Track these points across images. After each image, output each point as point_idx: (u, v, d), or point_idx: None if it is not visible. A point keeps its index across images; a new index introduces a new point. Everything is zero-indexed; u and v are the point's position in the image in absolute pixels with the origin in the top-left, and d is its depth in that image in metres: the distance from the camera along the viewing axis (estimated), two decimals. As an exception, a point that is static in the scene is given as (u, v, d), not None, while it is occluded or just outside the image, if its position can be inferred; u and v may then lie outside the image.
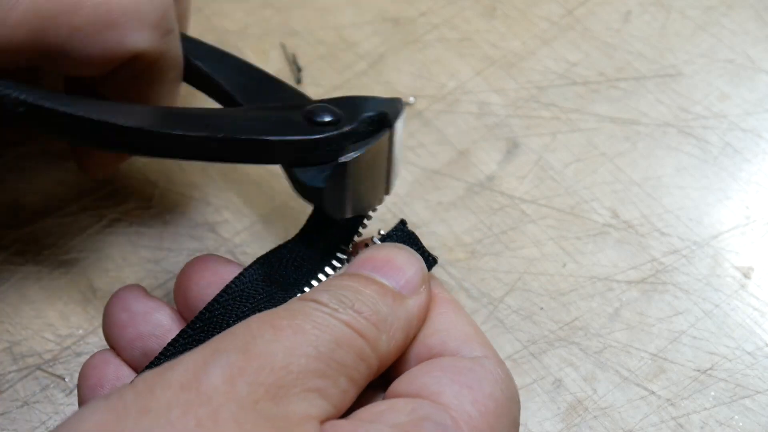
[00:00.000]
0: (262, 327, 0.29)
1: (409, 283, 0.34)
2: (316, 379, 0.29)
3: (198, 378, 0.27)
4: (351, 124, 0.37)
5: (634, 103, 0.52)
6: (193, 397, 0.27)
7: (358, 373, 0.30)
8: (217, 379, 0.27)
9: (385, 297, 0.32)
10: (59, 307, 0.45)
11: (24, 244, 0.46)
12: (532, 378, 0.43)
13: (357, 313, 0.31)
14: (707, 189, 0.49)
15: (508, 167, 0.50)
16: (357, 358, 0.30)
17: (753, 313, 0.45)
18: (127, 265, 0.46)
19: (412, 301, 0.33)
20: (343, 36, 0.54)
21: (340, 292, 0.32)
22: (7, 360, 0.43)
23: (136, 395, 0.27)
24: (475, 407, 0.30)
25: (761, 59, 0.53)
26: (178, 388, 0.27)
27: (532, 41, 0.54)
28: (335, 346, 0.30)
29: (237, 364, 0.28)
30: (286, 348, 0.29)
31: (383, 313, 0.32)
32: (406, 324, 0.33)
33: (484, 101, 0.52)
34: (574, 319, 0.45)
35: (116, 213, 0.48)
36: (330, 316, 0.30)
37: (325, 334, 0.30)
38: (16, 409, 0.42)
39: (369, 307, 0.31)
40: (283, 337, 0.29)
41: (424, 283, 0.34)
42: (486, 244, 0.47)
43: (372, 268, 0.34)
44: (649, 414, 0.42)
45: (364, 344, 0.31)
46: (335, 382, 0.29)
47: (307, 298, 0.32)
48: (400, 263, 0.34)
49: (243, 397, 0.27)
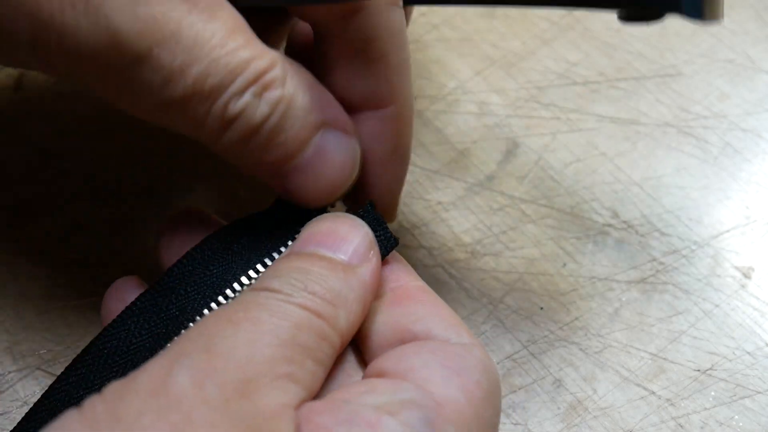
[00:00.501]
0: (220, 324, 0.29)
1: (356, 252, 0.33)
2: (283, 365, 0.29)
3: (165, 383, 0.27)
4: None
5: (634, 103, 0.52)
6: (163, 402, 0.26)
7: (323, 353, 0.30)
8: (185, 382, 0.27)
9: (336, 271, 0.32)
10: (59, 307, 0.45)
11: (24, 244, 0.46)
12: (532, 378, 0.43)
13: (311, 294, 0.31)
14: (707, 189, 0.49)
15: (508, 167, 0.50)
16: (318, 338, 0.30)
17: (753, 313, 0.45)
18: (127, 266, 0.46)
19: (363, 269, 0.33)
20: (343, 36, 0.54)
21: (290, 276, 0.31)
22: (7, 360, 0.43)
23: (105, 405, 0.27)
24: (463, 394, 0.30)
25: (761, 59, 0.53)
26: (146, 395, 0.27)
27: (532, 41, 0.54)
28: (296, 331, 0.29)
29: (201, 365, 0.28)
30: (247, 341, 0.29)
31: (337, 289, 0.32)
32: (362, 294, 0.33)
33: (484, 101, 0.52)
34: (574, 319, 0.45)
35: (116, 213, 0.48)
36: (285, 302, 0.30)
37: (284, 321, 0.29)
38: (16, 409, 0.42)
39: (321, 285, 0.31)
40: (241, 330, 0.29)
41: (371, 248, 0.34)
42: (486, 244, 0.47)
43: (316, 243, 0.34)
44: (649, 414, 0.42)
45: (323, 324, 0.30)
46: (302, 365, 0.29)
47: (259, 287, 0.31)
48: (344, 233, 0.34)
49: (213, 398, 0.27)
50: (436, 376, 0.30)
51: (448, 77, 0.53)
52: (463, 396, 0.30)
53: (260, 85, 0.32)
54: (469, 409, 0.30)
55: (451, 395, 0.30)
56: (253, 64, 0.32)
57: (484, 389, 0.31)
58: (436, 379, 0.30)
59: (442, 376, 0.30)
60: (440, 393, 0.30)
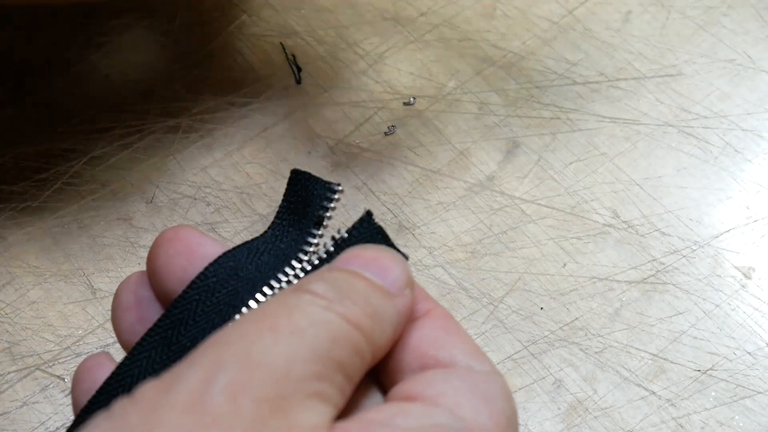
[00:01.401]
0: (261, 329, 0.29)
1: (395, 282, 0.34)
2: (314, 382, 0.29)
3: (202, 398, 0.27)
4: None
5: (634, 103, 0.52)
6: (199, 419, 0.26)
7: (354, 369, 0.30)
8: (221, 399, 0.27)
9: (376, 291, 0.32)
10: (59, 307, 0.45)
11: (24, 244, 0.46)
12: (532, 378, 0.43)
13: (353, 304, 0.31)
14: (707, 189, 0.49)
15: (508, 167, 0.50)
16: (352, 353, 0.30)
17: (754, 313, 0.45)
18: (126, 266, 0.46)
19: (399, 300, 0.33)
20: (343, 36, 0.54)
21: (334, 283, 0.32)
22: (7, 360, 0.43)
23: (140, 415, 0.27)
24: (491, 421, 0.31)
25: (761, 59, 0.53)
26: (183, 410, 0.27)
27: (532, 41, 0.54)
28: (332, 345, 0.29)
29: (239, 379, 0.27)
30: (285, 353, 0.29)
31: (376, 305, 0.32)
32: (396, 320, 0.33)
33: (484, 101, 0.52)
34: (574, 319, 0.45)
35: (116, 213, 0.47)
36: (326, 309, 0.30)
37: (322, 332, 0.29)
38: (15, 409, 0.42)
39: (363, 298, 0.31)
40: (281, 340, 0.29)
41: (408, 285, 0.34)
42: (486, 244, 0.47)
43: (359, 265, 0.34)
44: (649, 414, 0.42)
45: (360, 337, 0.30)
46: (332, 381, 0.29)
47: (302, 288, 0.31)
48: (387, 263, 0.34)
49: (248, 416, 0.27)
50: (466, 403, 0.31)
51: (448, 77, 0.53)
52: (492, 423, 0.31)
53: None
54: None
55: (481, 422, 0.30)
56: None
57: (508, 417, 0.31)
58: (466, 405, 0.31)
59: (472, 402, 0.31)
60: (471, 419, 0.30)
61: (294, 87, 0.52)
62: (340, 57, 0.54)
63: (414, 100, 0.52)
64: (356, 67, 0.53)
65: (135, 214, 0.47)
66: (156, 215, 0.47)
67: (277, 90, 0.52)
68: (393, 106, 0.52)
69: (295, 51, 0.54)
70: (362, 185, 0.49)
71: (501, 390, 0.32)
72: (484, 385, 0.32)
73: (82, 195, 0.48)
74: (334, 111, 0.51)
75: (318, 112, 0.51)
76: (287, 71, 0.53)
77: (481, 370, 0.33)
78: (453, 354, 0.33)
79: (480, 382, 0.32)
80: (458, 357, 0.33)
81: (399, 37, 0.54)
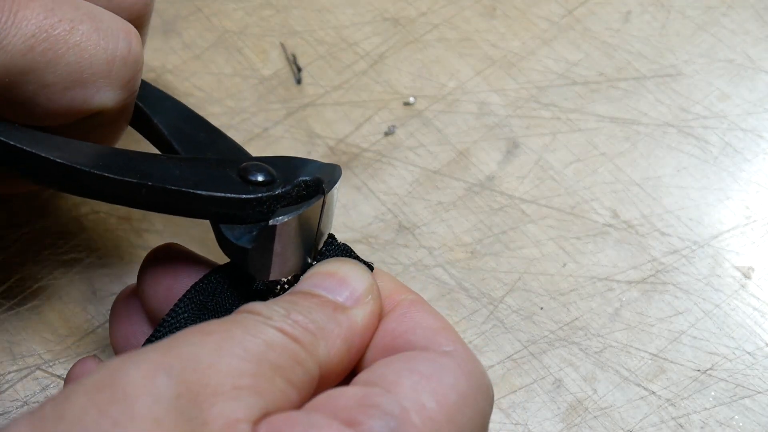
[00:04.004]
0: (190, 333, 0.29)
1: (353, 293, 0.34)
2: (247, 377, 0.28)
3: (114, 377, 0.26)
4: (284, 187, 0.36)
5: (634, 103, 0.52)
6: (108, 395, 0.25)
7: (295, 376, 0.30)
8: (135, 375, 0.26)
9: (324, 307, 0.32)
10: (59, 307, 0.45)
11: (24, 244, 0.46)
12: (532, 378, 0.43)
13: (292, 321, 0.30)
14: (707, 189, 0.49)
15: (508, 167, 0.50)
16: (292, 361, 0.29)
17: (753, 313, 0.45)
18: (126, 266, 0.46)
19: (356, 311, 0.33)
20: (343, 36, 0.54)
21: (275, 303, 0.31)
22: (7, 360, 0.43)
23: (54, 405, 0.26)
24: (432, 398, 0.30)
25: (761, 59, 0.53)
26: (93, 391, 0.26)
27: (532, 41, 0.54)
28: (267, 348, 0.29)
29: (157, 359, 0.27)
30: (212, 350, 0.28)
31: (320, 322, 0.31)
32: (348, 333, 0.32)
33: (484, 101, 0.52)
34: (574, 319, 0.45)
35: (116, 213, 0.48)
36: (262, 323, 0.30)
37: (256, 338, 0.29)
38: (16, 409, 0.42)
39: (304, 315, 0.31)
40: (210, 341, 0.28)
41: (370, 293, 0.34)
42: (486, 244, 0.47)
43: (313, 284, 0.34)
44: (649, 414, 0.42)
45: (298, 348, 0.30)
46: (270, 380, 0.28)
47: (242, 310, 0.31)
48: (343, 275, 0.34)
49: (162, 392, 0.26)
50: (406, 382, 0.30)
51: (448, 77, 0.53)
52: (434, 400, 0.30)
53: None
54: (440, 413, 0.30)
55: (419, 400, 0.30)
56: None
57: (459, 392, 0.30)
58: (406, 384, 0.30)
59: (410, 382, 0.30)
60: (408, 398, 0.30)
61: (294, 87, 0.52)
62: (340, 57, 0.54)
63: (414, 100, 0.52)
64: (356, 67, 0.53)
65: (135, 214, 0.47)
66: (156, 215, 0.47)
67: (277, 90, 0.52)
68: (393, 106, 0.52)
69: (295, 51, 0.54)
70: (362, 185, 0.49)
71: (454, 366, 0.31)
72: (431, 362, 0.31)
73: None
74: (334, 111, 0.51)
75: (318, 112, 0.51)
76: (287, 71, 0.53)
77: (435, 349, 0.32)
78: (409, 339, 0.33)
79: (426, 360, 0.31)
80: (415, 341, 0.33)
81: (399, 37, 0.54)
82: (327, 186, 0.37)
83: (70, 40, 0.34)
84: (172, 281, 0.37)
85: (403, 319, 0.34)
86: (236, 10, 0.55)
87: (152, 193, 0.34)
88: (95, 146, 0.37)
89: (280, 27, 0.55)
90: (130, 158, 0.36)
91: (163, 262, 0.38)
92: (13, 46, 0.33)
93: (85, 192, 0.35)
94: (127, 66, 0.36)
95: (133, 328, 0.38)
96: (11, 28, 0.33)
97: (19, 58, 0.33)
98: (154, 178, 0.34)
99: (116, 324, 0.39)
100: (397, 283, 0.36)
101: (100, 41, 0.35)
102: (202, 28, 0.54)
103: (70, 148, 0.35)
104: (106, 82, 0.35)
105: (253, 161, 0.37)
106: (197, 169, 0.36)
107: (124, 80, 0.36)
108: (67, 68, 0.34)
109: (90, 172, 0.34)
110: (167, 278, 0.37)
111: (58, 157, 0.33)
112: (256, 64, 0.53)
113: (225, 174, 0.36)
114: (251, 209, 0.36)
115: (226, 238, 0.35)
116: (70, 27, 0.34)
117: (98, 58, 0.35)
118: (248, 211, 0.36)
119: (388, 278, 0.36)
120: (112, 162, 0.35)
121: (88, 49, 0.35)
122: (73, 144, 0.35)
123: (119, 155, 0.36)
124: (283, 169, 0.37)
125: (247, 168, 0.36)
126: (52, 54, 0.34)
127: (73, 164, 0.33)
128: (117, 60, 0.35)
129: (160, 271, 0.37)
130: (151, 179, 0.34)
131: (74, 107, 0.35)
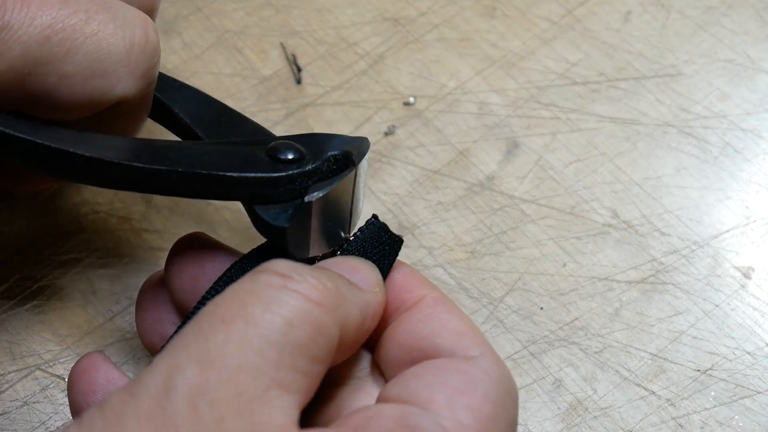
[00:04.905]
0: (213, 324, 0.29)
1: (364, 279, 0.34)
2: (271, 372, 0.28)
3: (162, 406, 0.27)
4: (314, 163, 0.36)
5: (634, 103, 0.52)
6: (159, 426, 0.26)
7: (319, 349, 0.30)
8: (180, 404, 0.27)
9: (342, 279, 0.33)
10: (59, 307, 0.45)
11: (24, 245, 0.46)
12: (532, 378, 0.43)
13: (315, 280, 0.30)
14: (707, 189, 0.49)
15: (508, 167, 0.50)
16: (314, 332, 0.29)
17: (753, 313, 0.45)
18: (127, 266, 0.46)
19: (368, 294, 0.34)
20: (343, 36, 0.54)
21: (297, 265, 0.31)
22: (7, 360, 0.43)
23: (105, 424, 0.27)
24: (469, 413, 0.30)
25: (761, 59, 0.53)
26: (144, 419, 0.27)
27: (532, 41, 0.54)
28: (287, 328, 0.29)
29: (194, 381, 0.27)
30: (237, 345, 0.28)
31: (341, 287, 0.32)
32: (363, 305, 0.33)
33: (484, 101, 0.52)
34: (574, 319, 0.45)
35: (116, 213, 0.48)
36: (282, 289, 0.30)
37: (276, 317, 0.29)
38: (16, 409, 0.42)
39: (326, 278, 0.31)
40: (233, 333, 0.28)
41: (378, 285, 0.35)
42: (486, 244, 0.47)
43: (329, 263, 0.35)
44: (649, 414, 0.42)
45: (321, 313, 0.30)
46: (292, 367, 0.29)
47: (261, 269, 0.31)
48: (355, 264, 0.35)
49: (207, 420, 0.27)
50: (439, 399, 0.30)
51: (448, 77, 0.53)
52: (470, 415, 0.30)
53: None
54: (477, 428, 0.30)
55: (456, 417, 0.30)
56: None
57: (492, 401, 0.31)
58: (440, 400, 0.30)
59: (445, 397, 0.30)
60: (445, 416, 0.30)
61: (294, 87, 0.52)
62: (340, 57, 0.54)
63: (414, 100, 0.52)
64: (356, 67, 0.53)
65: (135, 214, 0.48)
66: (156, 216, 0.47)
67: (277, 90, 0.52)
68: (393, 106, 0.52)
69: (295, 51, 0.54)
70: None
71: (484, 375, 0.31)
72: (462, 374, 0.31)
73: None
74: (334, 111, 0.52)
75: (318, 112, 0.51)
76: (287, 71, 0.53)
77: (463, 355, 0.32)
78: (436, 342, 0.33)
79: (457, 371, 0.31)
80: (441, 344, 0.33)
81: (399, 37, 0.55)
82: (356, 158, 0.37)
83: (86, 30, 0.34)
84: (199, 270, 0.37)
85: (429, 320, 0.34)
86: (236, 10, 0.55)
87: (183, 179, 0.35)
88: (120, 138, 0.37)
89: (280, 27, 0.55)
90: (156, 147, 0.36)
91: (189, 252, 0.38)
92: (29, 36, 0.33)
93: (116, 184, 0.35)
94: (145, 55, 0.36)
95: (160, 316, 0.38)
96: (26, 18, 0.33)
97: (36, 48, 0.33)
98: (184, 164, 0.35)
99: (143, 312, 0.39)
100: (418, 276, 0.36)
101: (117, 30, 0.35)
102: (202, 28, 0.54)
103: (95, 142, 0.35)
104: (126, 71, 0.35)
105: (280, 140, 0.37)
106: (225, 152, 0.36)
107: (143, 69, 0.36)
108: (86, 57, 0.34)
109: (120, 163, 0.34)
110: (194, 267, 0.37)
111: (85, 151, 0.33)
112: (256, 64, 0.53)
113: (254, 155, 0.36)
114: (283, 187, 0.36)
115: (262, 219, 0.36)
116: (85, 17, 0.34)
117: (116, 47, 0.35)
118: (281, 190, 0.36)
119: (410, 270, 0.36)
120: (141, 152, 0.35)
121: (106, 38, 0.35)
122: (97, 138, 0.35)
123: (146, 145, 0.36)
124: (312, 146, 0.37)
125: (275, 147, 0.36)
126: (69, 44, 0.34)
127: (102, 157, 0.34)
128: (135, 49, 0.35)
129: (187, 261, 0.38)
130: (180, 165, 0.34)
131: (95, 98, 0.35)
